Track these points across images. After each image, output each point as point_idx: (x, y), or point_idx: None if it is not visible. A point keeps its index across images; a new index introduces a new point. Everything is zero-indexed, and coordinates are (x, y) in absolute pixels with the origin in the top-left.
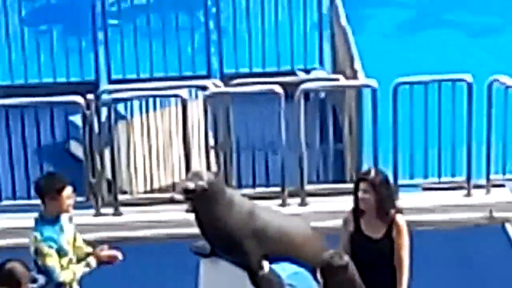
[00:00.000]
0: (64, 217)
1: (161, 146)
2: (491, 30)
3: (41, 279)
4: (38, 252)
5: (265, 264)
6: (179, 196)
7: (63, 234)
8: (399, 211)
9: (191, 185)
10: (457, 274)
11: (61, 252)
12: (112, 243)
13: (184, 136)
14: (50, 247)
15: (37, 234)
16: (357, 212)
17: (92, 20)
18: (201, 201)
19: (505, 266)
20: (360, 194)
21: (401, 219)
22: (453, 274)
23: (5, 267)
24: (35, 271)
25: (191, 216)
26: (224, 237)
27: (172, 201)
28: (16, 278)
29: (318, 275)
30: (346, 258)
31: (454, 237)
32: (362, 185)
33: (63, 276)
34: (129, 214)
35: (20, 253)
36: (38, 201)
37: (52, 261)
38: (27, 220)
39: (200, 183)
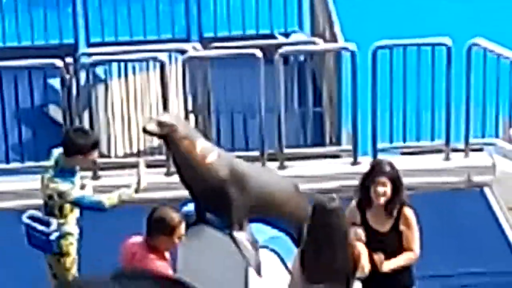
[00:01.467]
0: (79, 174)
1: (139, 110)
2: None
3: (54, 224)
4: (61, 195)
5: (246, 225)
6: (151, 126)
7: (77, 182)
8: (405, 203)
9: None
10: (436, 237)
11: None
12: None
13: (163, 100)
14: (72, 183)
15: (58, 180)
16: (362, 204)
17: None
18: (174, 138)
19: (484, 229)
20: (379, 188)
21: (409, 212)
22: (432, 237)
23: (158, 214)
24: (45, 215)
25: (171, 179)
26: (205, 185)
27: (144, 131)
28: (171, 224)
29: (308, 218)
30: (339, 203)
31: (432, 201)
32: (381, 179)
33: (103, 197)
34: (108, 178)
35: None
36: (16, 165)
37: (78, 191)
38: (5, 183)
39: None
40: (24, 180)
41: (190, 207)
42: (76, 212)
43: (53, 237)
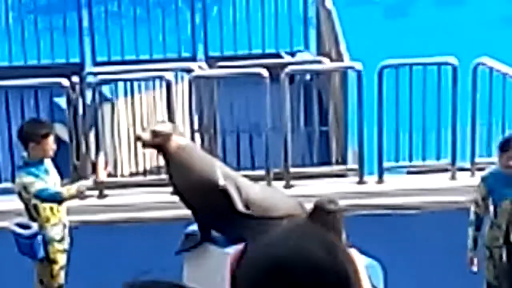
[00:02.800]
0: (47, 161)
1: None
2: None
3: (34, 227)
4: (26, 188)
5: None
6: (145, 135)
7: (48, 176)
8: None
9: (158, 128)
10: (441, 257)
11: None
12: (97, 225)
13: (169, 119)
14: (36, 176)
15: (22, 174)
16: None
17: (77, 2)
18: (169, 148)
19: None
20: None
21: None
22: (438, 257)
23: None
24: (28, 218)
25: (177, 198)
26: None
27: (138, 138)
28: None
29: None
30: (339, 207)
31: (439, 220)
32: None
33: (61, 190)
34: (114, 197)
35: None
36: None
37: (42, 184)
38: (12, 202)
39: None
40: None
41: (195, 226)
42: (60, 215)
43: (36, 241)
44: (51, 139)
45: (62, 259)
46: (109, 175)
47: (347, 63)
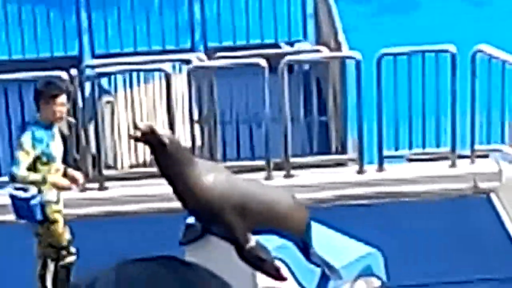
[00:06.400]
0: (56, 129)
1: (145, 120)
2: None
3: (32, 189)
4: (19, 145)
5: (252, 237)
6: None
7: (53, 142)
8: None
9: (141, 124)
10: (442, 245)
11: (49, 158)
12: (98, 218)
13: (168, 110)
14: (33, 146)
15: (28, 133)
16: None
17: None
18: (163, 154)
19: (490, 235)
20: None
21: None
22: (439, 245)
23: None
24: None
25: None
26: (205, 211)
27: (135, 127)
28: None
29: None
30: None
31: (439, 208)
32: None
33: (25, 173)
34: (114, 189)
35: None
36: None
37: (23, 156)
38: None
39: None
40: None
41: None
42: (42, 171)
43: (34, 201)
44: (61, 99)
45: (61, 218)
46: (109, 167)
47: (345, 52)
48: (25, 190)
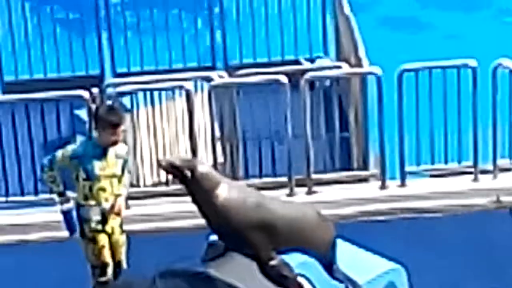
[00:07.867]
0: (112, 151)
1: (167, 139)
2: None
3: (71, 203)
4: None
5: (275, 255)
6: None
7: (99, 161)
8: None
9: (176, 161)
10: (465, 260)
11: (89, 175)
12: None
13: (190, 128)
14: (71, 156)
15: (78, 144)
16: None
17: (95, 14)
18: (196, 185)
19: None
20: None
21: None
22: (462, 260)
23: None
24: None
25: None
26: (230, 231)
27: (159, 165)
28: None
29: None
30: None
31: (462, 223)
32: None
33: (49, 171)
34: (137, 207)
35: (27, 249)
36: (46, 196)
37: (59, 156)
38: (34, 215)
39: (188, 161)
40: (54, 211)
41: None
42: (98, 198)
43: (65, 208)
44: (118, 129)
45: (102, 240)
46: (132, 185)
47: (366, 68)
48: (67, 200)
